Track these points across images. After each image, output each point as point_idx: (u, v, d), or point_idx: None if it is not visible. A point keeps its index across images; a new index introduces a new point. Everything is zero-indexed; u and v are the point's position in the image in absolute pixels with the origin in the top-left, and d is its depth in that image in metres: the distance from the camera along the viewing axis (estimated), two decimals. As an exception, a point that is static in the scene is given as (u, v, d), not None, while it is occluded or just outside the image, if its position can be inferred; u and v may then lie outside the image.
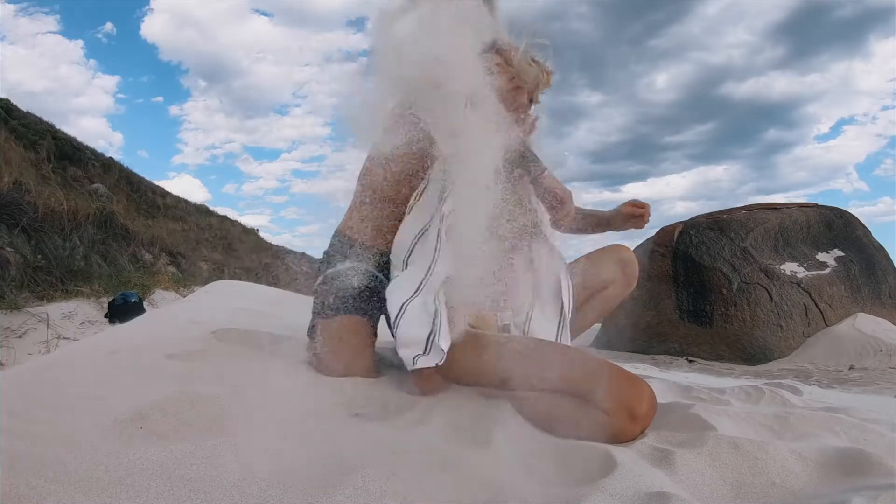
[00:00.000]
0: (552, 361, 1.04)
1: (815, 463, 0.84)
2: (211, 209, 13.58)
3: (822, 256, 5.93)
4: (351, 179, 1.48)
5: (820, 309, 5.45)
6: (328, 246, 1.44)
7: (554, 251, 1.28)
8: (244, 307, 2.81)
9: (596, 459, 0.84)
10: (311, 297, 1.42)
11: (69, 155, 8.88)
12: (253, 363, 1.31)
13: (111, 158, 11.22)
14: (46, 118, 9.88)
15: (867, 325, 5.29)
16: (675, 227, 6.21)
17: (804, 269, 5.68)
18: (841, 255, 5.97)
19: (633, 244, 6.61)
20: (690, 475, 0.81)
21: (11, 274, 2.78)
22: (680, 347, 5.63)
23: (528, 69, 1.28)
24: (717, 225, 5.97)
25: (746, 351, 5.24)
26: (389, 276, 1.28)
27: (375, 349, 1.34)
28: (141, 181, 11.52)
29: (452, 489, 0.69)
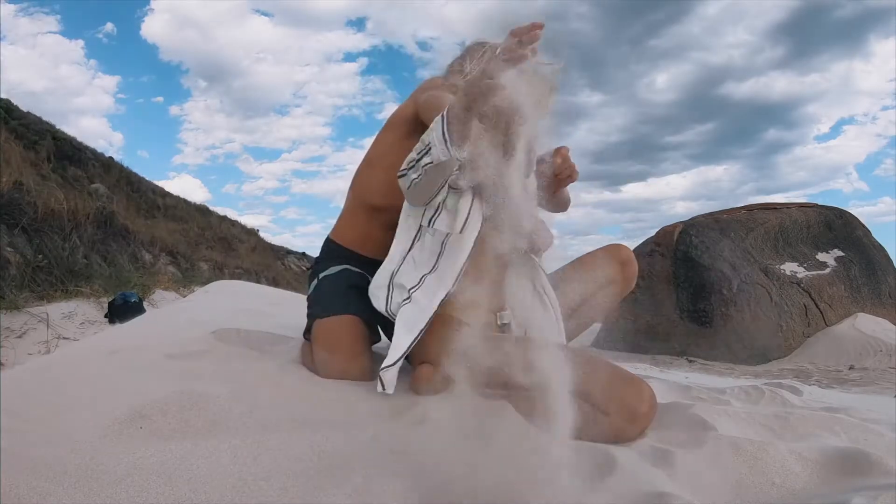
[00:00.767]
0: (552, 361, 1.04)
1: (815, 463, 0.84)
2: (211, 209, 13.59)
3: (822, 256, 5.94)
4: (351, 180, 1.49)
5: (820, 309, 5.45)
6: (320, 251, 1.47)
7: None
8: (244, 307, 2.81)
9: (596, 459, 0.84)
10: (310, 297, 1.42)
11: (69, 155, 8.88)
12: (253, 363, 1.31)
13: (111, 158, 11.23)
14: (46, 118, 9.88)
15: (867, 325, 5.29)
16: (675, 227, 6.21)
17: (804, 269, 5.69)
18: (841, 255, 5.98)
19: (633, 244, 6.62)
20: (690, 475, 0.81)
21: (11, 274, 2.78)
22: (680, 347, 5.63)
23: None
24: (717, 225, 5.98)
25: (746, 351, 5.24)
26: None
27: (374, 349, 1.34)
28: (141, 181, 11.52)
29: (452, 489, 0.69)
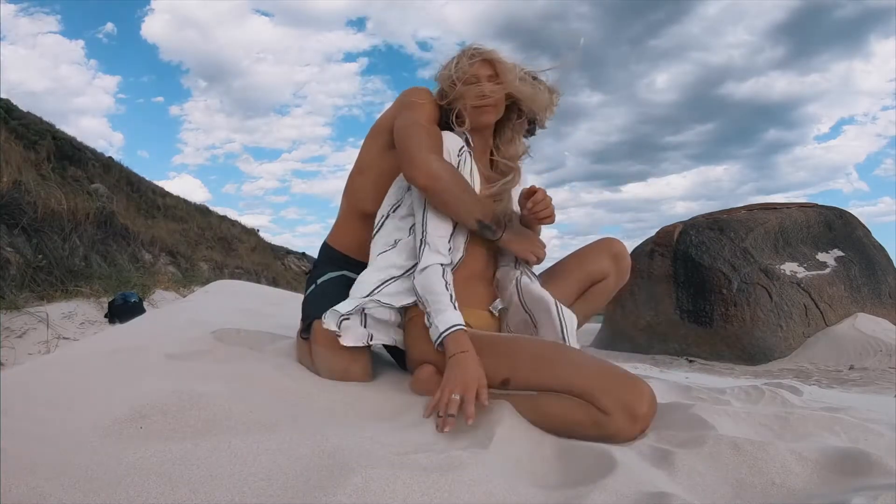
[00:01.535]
0: (552, 362, 1.04)
1: (815, 463, 0.84)
2: (211, 209, 13.60)
3: (822, 256, 5.94)
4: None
5: (820, 309, 5.45)
6: (318, 257, 1.47)
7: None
8: (244, 307, 2.81)
9: (596, 459, 0.84)
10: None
11: (69, 155, 8.88)
12: (253, 363, 1.31)
13: (111, 158, 11.24)
14: (46, 118, 9.89)
15: (867, 325, 5.29)
16: (675, 227, 6.21)
17: (804, 269, 5.69)
18: (841, 255, 5.98)
19: (633, 244, 6.62)
20: (690, 475, 0.81)
21: (11, 274, 2.78)
22: (680, 347, 5.63)
23: (523, 89, 1.24)
24: (717, 225, 5.98)
25: (746, 351, 5.24)
26: None
27: (373, 350, 1.34)
28: (141, 181, 11.52)
29: (452, 490, 0.69)
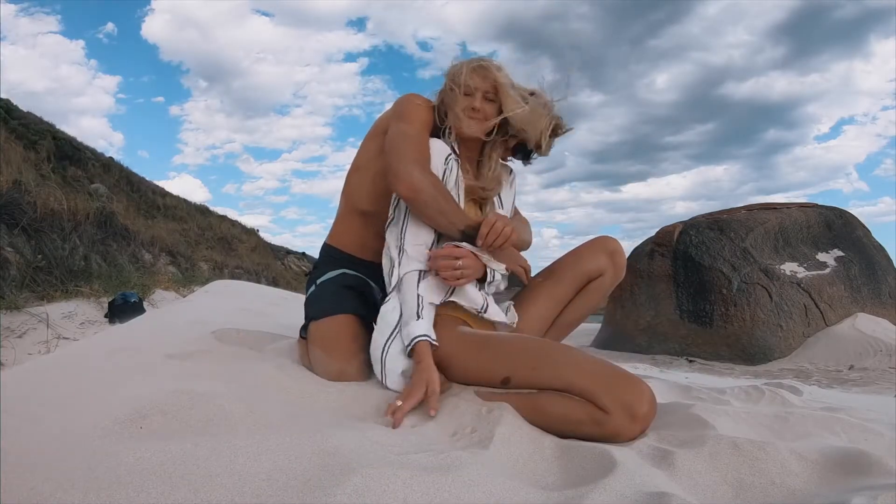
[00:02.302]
0: (553, 361, 1.04)
1: (815, 463, 0.84)
2: (211, 209, 13.61)
3: (822, 256, 5.93)
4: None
5: (820, 309, 5.45)
6: (318, 257, 1.47)
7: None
8: (244, 307, 2.81)
9: (596, 459, 0.84)
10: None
11: (69, 155, 8.89)
12: (253, 363, 1.31)
13: (111, 158, 11.25)
14: (46, 118, 9.91)
15: (867, 325, 5.29)
16: (675, 227, 6.21)
17: (804, 269, 5.68)
18: (841, 255, 5.97)
19: (633, 244, 6.62)
20: (690, 475, 0.81)
21: (11, 274, 2.78)
22: (680, 347, 5.63)
23: (516, 115, 1.23)
24: (717, 225, 5.97)
25: (746, 351, 5.24)
26: (383, 284, 1.28)
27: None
28: (141, 181, 11.54)
29: (452, 490, 0.69)
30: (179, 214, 11.32)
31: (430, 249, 1.21)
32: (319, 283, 1.38)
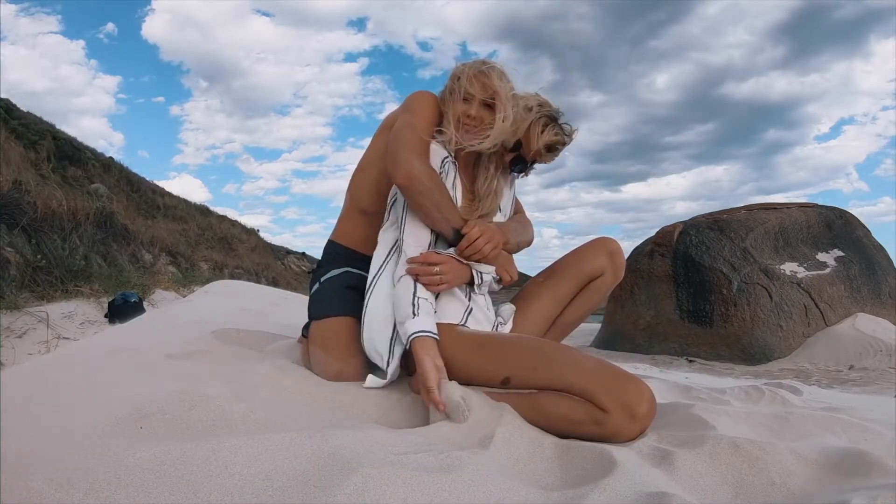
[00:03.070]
0: (552, 361, 1.04)
1: (815, 463, 0.84)
2: (211, 209, 13.63)
3: (822, 256, 5.93)
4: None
5: (820, 309, 5.45)
6: (322, 255, 1.47)
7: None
8: (244, 307, 2.81)
9: (596, 459, 0.84)
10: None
11: (69, 155, 8.89)
12: (253, 363, 1.31)
13: (111, 158, 11.26)
14: (46, 118, 9.92)
15: (867, 325, 5.29)
16: (675, 227, 6.21)
17: (804, 269, 5.68)
18: (841, 255, 5.97)
19: (633, 244, 6.62)
20: (690, 475, 0.81)
21: (11, 274, 2.78)
22: (680, 347, 5.63)
23: (512, 128, 1.22)
24: (717, 225, 5.97)
25: (746, 351, 5.24)
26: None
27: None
28: (141, 181, 11.54)
29: (452, 490, 0.69)
30: (179, 214, 11.33)
31: (426, 251, 1.20)
32: (323, 280, 1.39)
